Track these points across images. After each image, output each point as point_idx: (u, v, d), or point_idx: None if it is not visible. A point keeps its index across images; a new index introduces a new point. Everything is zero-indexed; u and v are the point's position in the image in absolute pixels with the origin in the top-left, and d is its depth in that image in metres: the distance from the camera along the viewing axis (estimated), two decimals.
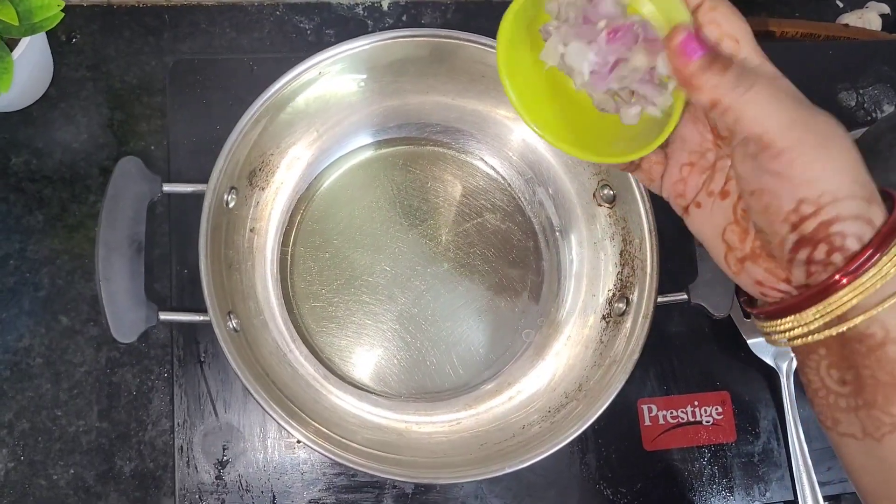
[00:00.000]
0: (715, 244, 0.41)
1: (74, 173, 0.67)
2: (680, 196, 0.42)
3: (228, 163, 0.53)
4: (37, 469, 0.61)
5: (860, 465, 0.37)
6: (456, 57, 0.59)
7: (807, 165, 0.35)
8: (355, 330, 0.62)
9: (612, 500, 0.63)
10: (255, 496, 0.59)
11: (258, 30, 0.74)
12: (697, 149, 0.41)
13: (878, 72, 0.76)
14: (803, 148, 0.35)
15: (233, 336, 0.52)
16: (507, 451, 0.54)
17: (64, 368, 0.63)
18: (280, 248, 0.62)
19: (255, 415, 0.60)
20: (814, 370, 0.38)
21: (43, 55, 0.65)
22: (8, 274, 0.64)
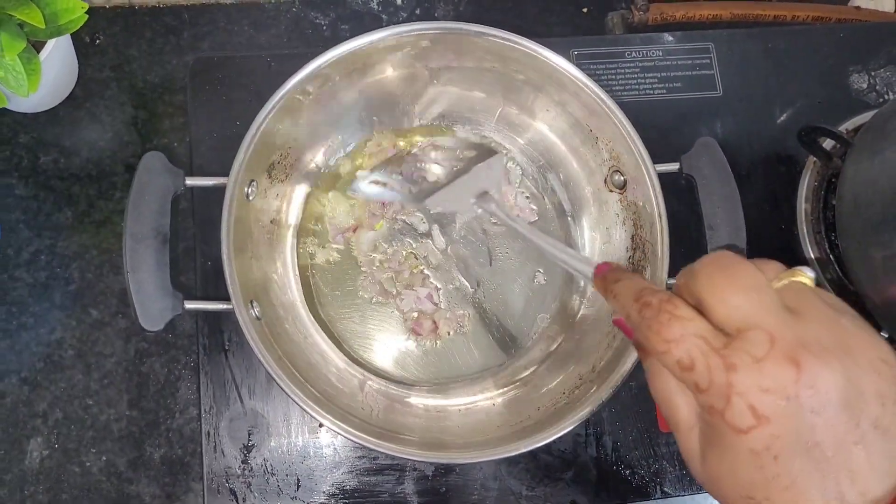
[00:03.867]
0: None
1: (100, 171, 0.69)
2: None
3: (248, 156, 0.54)
4: (70, 456, 0.63)
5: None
6: (468, 49, 0.60)
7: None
8: (374, 316, 0.63)
9: (628, 480, 0.64)
10: (279, 479, 0.61)
11: (275, 27, 0.75)
12: None
13: (890, 53, 0.76)
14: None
15: (255, 323, 0.53)
16: (524, 431, 0.55)
17: (94, 359, 0.65)
18: (299, 237, 0.64)
19: (278, 400, 0.62)
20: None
21: (68, 56, 0.67)
22: (39, 269, 0.66)
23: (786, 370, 0.31)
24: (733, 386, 0.32)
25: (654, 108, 0.71)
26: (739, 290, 0.34)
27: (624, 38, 0.74)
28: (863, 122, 0.70)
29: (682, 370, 0.33)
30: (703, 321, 0.34)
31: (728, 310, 0.33)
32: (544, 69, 0.59)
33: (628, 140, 0.57)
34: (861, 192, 0.60)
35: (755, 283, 0.34)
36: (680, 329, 0.34)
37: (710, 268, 0.35)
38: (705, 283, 0.34)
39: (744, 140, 0.72)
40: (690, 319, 0.34)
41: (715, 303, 0.34)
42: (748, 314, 0.33)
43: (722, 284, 0.34)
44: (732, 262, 0.35)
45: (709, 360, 0.33)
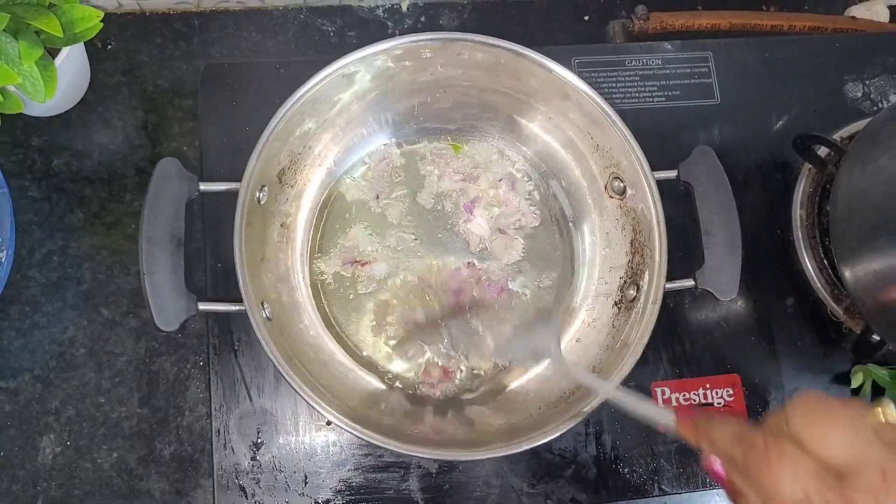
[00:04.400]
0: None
1: (112, 173, 0.70)
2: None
3: (259, 162, 0.55)
4: (82, 453, 0.64)
5: None
6: (471, 58, 0.61)
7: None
8: (381, 318, 0.64)
9: (627, 478, 0.65)
10: (287, 476, 0.62)
11: (283, 33, 0.77)
12: None
13: (885, 63, 0.77)
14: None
15: (266, 323, 0.55)
16: (525, 430, 0.56)
17: (106, 358, 0.66)
18: (309, 241, 0.65)
19: (287, 399, 0.63)
20: None
21: (81, 62, 0.68)
22: (52, 269, 0.68)
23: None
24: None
25: (653, 115, 0.73)
26: (840, 426, 0.35)
27: (624, 47, 0.75)
28: (857, 129, 0.72)
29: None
30: (812, 459, 0.35)
31: (833, 446, 0.35)
32: (547, 79, 0.60)
33: (628, 148, 0.59)
34: (854, 198, 0.61)
35: (852, 419, 0.35)
36: (794, 467, 0.35)
37: (805, 408, 0.37)
38: (803, 424, 0.36)
39: (741, 147, 0.73)
40: (802, 457, 0.35)
41: (818, 440, 0.35)
42: (854, 450, 0.34)
43: (821, 421, 0.35)
44: (826, 402, 0.37)
45: (826, 495, 0.34)
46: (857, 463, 0.34)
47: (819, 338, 0.70)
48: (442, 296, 0.65)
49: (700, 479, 0.66)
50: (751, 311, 0.70)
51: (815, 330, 0.70)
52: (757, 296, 0.70)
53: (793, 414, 0.37)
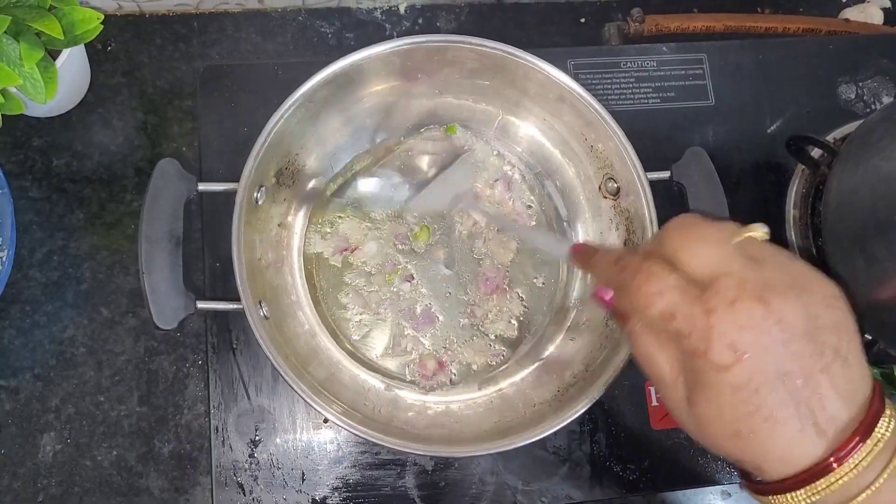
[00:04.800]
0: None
1: (112, 174, 0.71)
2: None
3: (257, 163, 0.56)
4: (82, 451, 0.65)
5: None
6: (467, 61, 0.62)
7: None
8: (378, 317, 0.65)
9: (621, 476, 0.66)
10: (285, 473, 0.63)
11: (282, 34, 0.78)
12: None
13: (878, 65, 0.78)
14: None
15: (263, 322, 0.55)
16: (520, 426, 0.57)
17: (105, 357, 0.67)
18: (306, 241, 0.66)
19: (284, 397, 0.64)
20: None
21: (81, 63, 0.69)
22: (52, 269, 0.68)
23: (757, 308, 0.35)
24: (713, 327, 0.35)
25: (648, 116, 0.74)
26: (706, 244, 0.38)
27: (620, 49, 0.76)
28: (850, 131, 0.72)
29: (664, 320, 0.37)
30: (678, 275, 0.38)
31: (698, 262, 0.37)
32: (542, 81, 0.61)
33: (622, 149, 0.59)
34: (845, 199, 0.62)
35: (718, 237, 0.38)
36: (659, 283, 0.37)
37: (677, 229, 0.39)
38: (675, 242, 0.39)
39: (735, 148, 0.74)
40: (667, 274, 0.38)
41: (686, 258, 0.38)
42: (717, 264, 0.37)
43: (689, 241, 0.38)
44: (696, 221, 0.39)
45: (689, 308, 0.36)
46: (718, 275, 0.36)
47: None
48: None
49: (694, 477, 0.66)
50: None
51: None
52: None
53: (666, 234, 0.39)
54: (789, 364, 0.35)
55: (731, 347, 0.35)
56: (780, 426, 0.36)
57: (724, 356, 0.35)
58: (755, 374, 0.35)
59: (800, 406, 0.35)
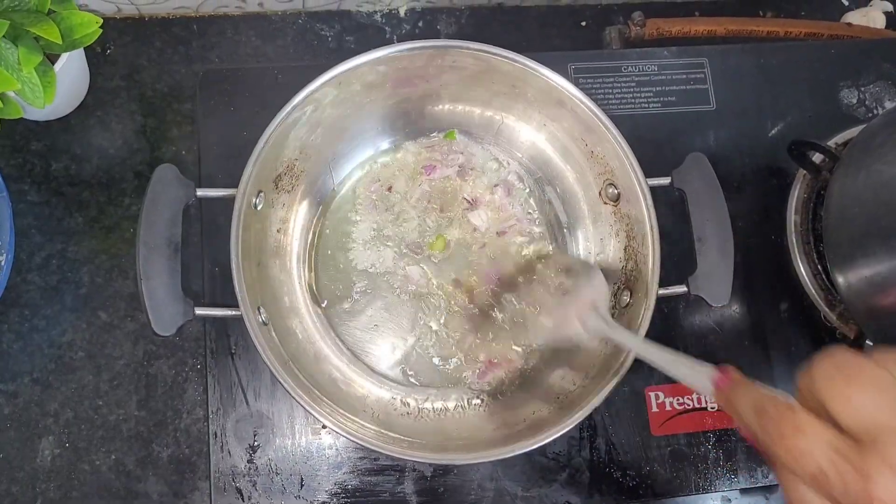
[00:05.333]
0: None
1: (110, 177, 0.71)
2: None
3: (256, 169, 0.56)
4: (81, 455, 0.65)
5: None
6: (467, 66, 0.61)
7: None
8: (377, 323, 0.65)
9: (620, 482, 0.66)
10: (284, 479, 0.63)
11: (281, 37, 0.77)
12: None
13: (880, 69, 0.78)
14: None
15: (262, 328, 0.55)
16: (519, 434, 0.57)
17: (104, 361, 0.67)
18: (306, 246, 0.65)
19: (283, 402, 0.64)
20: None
21: (80, 67, 0.69)
22: (51, 273, 0.68)
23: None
24: (873, 497, 0.31)
25: (649, 121, 0.73)
26: (862, 390, 0.33)
27: (621, 53, 0.76)
28: (852, 136, 0.72)
29: (813, 482, 0.33)
30: (829, 429, 0.33)
31: (855, 411, 0.32)
32: (542, 86, 0.61)
33: (622, 155, 0.59)
34: (847, 205, 0.61)
35: (879, 382, 0.33)
36: (805, 442, 0.33)
37: (827, 369, 0.34)
38: (825, 386, 0.34)
39: (736, 153, 0.74)
40: (814, 430, 0.33)
41: (840, 406, 0.33)
42: (876, 416, 0.32)
43: (842, 386, 0.33)
44: (850, 360, 0.34)
45: (841, 472, 0.31)
46: (879, 429, 0.31)
47: (813, 343, 0.70)
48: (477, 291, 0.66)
49: (693, 483, 0.66)
50: (745, 316, 0.70)
51: (809, 335, 0.70)
52: (751, 301, 0.70)
53: (816, 374, 0.34)
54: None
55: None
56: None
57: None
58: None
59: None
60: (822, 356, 0.35)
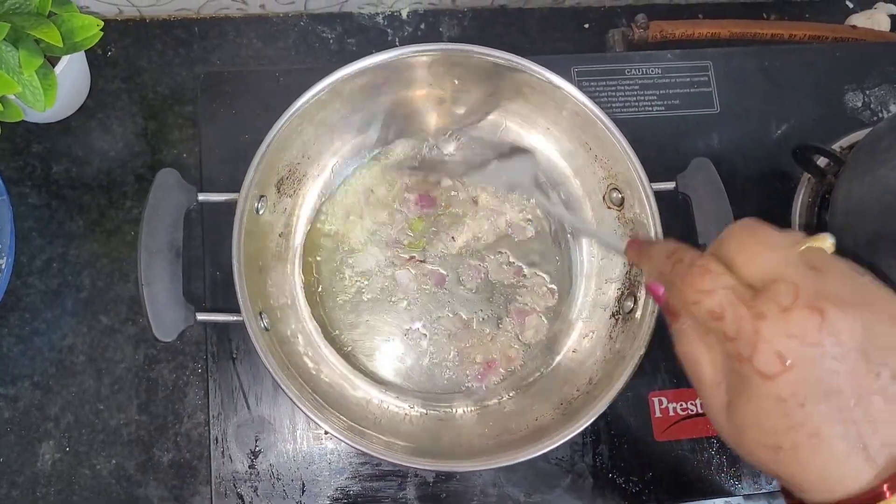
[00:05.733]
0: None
1: (111, 180, 0.70)
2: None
3: (258, 173, 0.55)
4: (81, 459, 0.65)
5: None
6: (470, 69, 0.61)
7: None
8: (378, 328, 0.64)
9: (623, 488, 0.65)
10: (285, 484, 0.63)
11: (283, 40, 0.77)
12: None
13: (885, 72, 0.77)
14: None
15: (264, 334, 0.55)
16: (522, 440, 0.56)
17: (105, 365, 0.67)
18: (307, 251, 0.65)
19: (284, 407, 0.64)
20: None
21: (81, 69, 0.68)
22: (52, 276, 0.68)
23: (810, 318, 0.33)
24: (761, 333, 0.34)
25: (652, 124, 0.73)
26: (765, 247, 0.37)
27: (624, 56, 0.75)
28: (857, 139, 0.72)
29: (712, 319, 0.36)
30: (732, 276, 0.36)
31: (755, 266, 0.36)
32: (545, 89, 0.60)
33: (626, 160, 0.59)
34: (853, 209, 0.61)
35: (780, 242, 0.37)
36: (711, 281, 0.36)
37: (738, 230, 0.38)
38: (734, 243, 0.37)
39: (740, 156, 0.73)
40: (721, 273, 0.36)
41: (743, 260, 0.36)
42: (774, 269, 0.35)
43: (749, 243, 0.37)
44: (759, 225, 0.38)
45: (738, 310, 0.35)
46: (774, 280, 0.35)
47: None
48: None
49: (697, 489, 0.66)
50: None
51: None
52: None
53: (727, 235, 0.38)
54: (841, 381, 0.33)
55: (777, 356, 0.34)
56: (824, 445, 0.34)
57: (769, 364, 0.34)
58: (801, 387, 0.34)
59: (848, 427, 0.34)
60: (733, 223, 0.39)
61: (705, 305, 0.36)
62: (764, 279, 0.35)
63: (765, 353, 0.34)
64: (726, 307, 0.35)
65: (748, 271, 0.36)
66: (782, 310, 0.34)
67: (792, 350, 0.34)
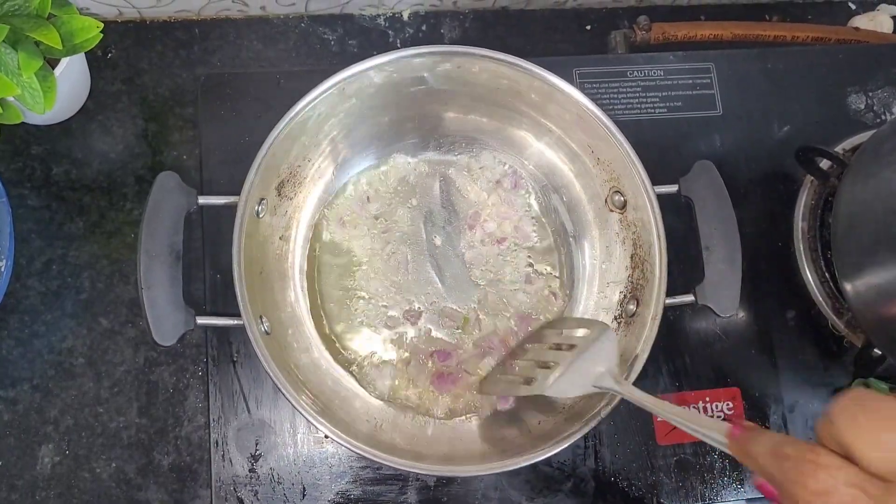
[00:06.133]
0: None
1: (112, 182, 0.70)
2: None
3: (258, 176, 0.55)
4: (81, 463, 0.64)
5: None
6: (471, 71, 0.61)
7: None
8: (379, 332, 0.64)
9: (626, 492, 0.65)
10: (286, 488, 0.62)
11: (284, 41, 0.77)
12: None
13: (888, 74, 0.77)
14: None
15: (264, 338, 0.54)
16: (524, 445, 0.56)
17: (105, 368, 0.66)
18: (307, 254, 0.65)
19: (285, 411, 0.63)
20: None
21: (81, 71, 0.68)
22: (51, 278, 0.67)
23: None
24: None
25: (655, 126, 0.73)
26: (887, 428, 0.32)
27: (626, 58, 0.75)
28: (860, 142, 0.72)
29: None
30: (854, 468, 0.32)
31: (879, 450, 0.32)
32: (548, 92, 0.60)
33: (629, 163, 0.58)
34: (856, 212, 0.61)
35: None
36: (828, 479, 0.32)
37: (850, 409, 0.33)
38: (849, 426, 0.33)
39: (742, 158, 0.73)
40: (838, 467, 0.32)
41: (863, 446, 0.32)
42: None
43: (868, 425, 0.32)
44: (872, 399, 0.34)
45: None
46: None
47: (820, 351, 0.70)
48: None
49: (700, 494, 0.65)
50: (751, 324, 0.69)
51: (816, 343, 0.70)
52: (758, 308, 0.70)
53: (838, 415, 0.33)
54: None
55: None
56: None
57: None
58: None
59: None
60: (840, 398, 0.34)
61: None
62: (892, 466, 0.31)
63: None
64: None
65: (871, 458, 0.32)
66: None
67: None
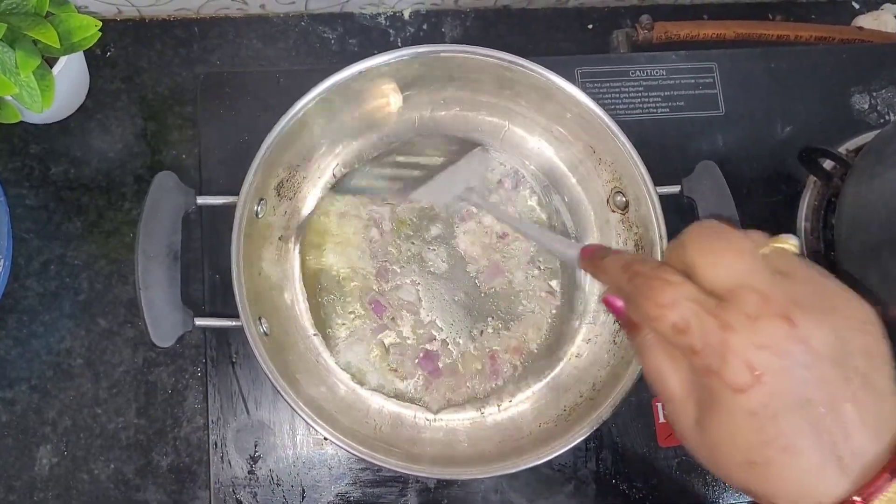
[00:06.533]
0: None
1: (110, 181, 0.70)
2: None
3: (257, 176, 0.55)
4: (79, 464, 0.64)
5: None
6: (472, 70, 0.60)
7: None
8: (379, 334, 0.64)
9: (627, 494, 0.65)
10: (285, 490, 0.62)
11: (283, 40, 0.76)
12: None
13: (892, 75, 0.76)
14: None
15: (263, 339, 0.54)
16: (525, 447, 0.56)
17: (103, 368, 0.66)
18: (307, 254, 0.64)
19: (284, 412, 0.63)
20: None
21: (80, 69, 0.68)
22: (49, 278, 0.67)
23: (779, 326, 0.32)
24: (729, 344, 0.33)
25: (657, 126, 0.72)
26: (728, 253, 0.35)
27: (628, 57, 0.74)
28: (864, 142, 0.71)
29: (676, 334, 0.34)
30: (695, 285, 0.35)
31: (718, 273, 0.35)
32: (548, 91, 0.60)
33: (631, 163, 0.58)
34: (860, 213, 0.60)
35: (743, 246, 0.35)
36: (672, 293, 0.35)
37: (698, 235, 0.36)
38: (695, 249, 0.36)
39: (745, 158, 0.73)
40: (682, 283, 0.35)
41: (705, 267, 0.35)
42: (739, 276, 0.34)
43: (711, 249, 0.35)
44: (720, 228, 0.36)
45: (703, 322, 0.33)
46: (739, 287, 0.34)
47: None
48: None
49: (701, 495, 0.65)
50: None
51: None
52: None
53: (685, 241, 0.36)
54: (812, 390, 0.32)
55: (748, 367, 0.32)
56: (798, 458, 0.33)
57: (739, 377, 0.33)
58: (773, 399, 0.32)
59: (822, 437, 0.32)
60: (695, 225, 0.37)
61: (668, 319, 0.34)
62: (729, 286, 0.34)
63: (734, 366, 0.33)
64: (691, 319, 0.34)
65: (711, 278, 0.35)
66: (750, 319, 0.33)
67: (762, 361, 0.32)
